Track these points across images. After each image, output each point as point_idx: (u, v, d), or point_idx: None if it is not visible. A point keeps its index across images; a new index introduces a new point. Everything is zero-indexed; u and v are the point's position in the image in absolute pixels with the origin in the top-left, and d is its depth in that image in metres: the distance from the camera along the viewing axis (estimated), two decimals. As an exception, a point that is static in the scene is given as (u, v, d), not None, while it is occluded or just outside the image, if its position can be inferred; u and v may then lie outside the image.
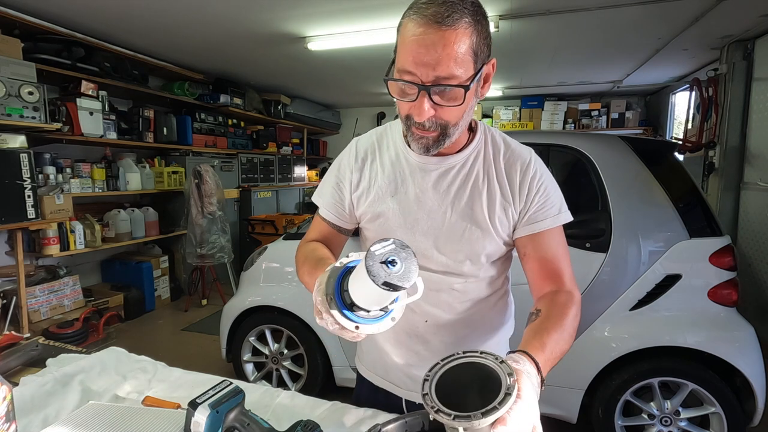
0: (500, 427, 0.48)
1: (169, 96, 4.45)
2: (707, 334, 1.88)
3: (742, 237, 3.61)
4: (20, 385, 0.93)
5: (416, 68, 0.66)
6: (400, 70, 0.69)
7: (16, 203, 2.74)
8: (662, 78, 5.12)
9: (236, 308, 2.57)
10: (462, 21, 0.64)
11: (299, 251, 0.90)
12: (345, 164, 0.91)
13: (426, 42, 0.64)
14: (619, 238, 1.97)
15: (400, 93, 0.72)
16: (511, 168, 0.83)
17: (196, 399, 0.65)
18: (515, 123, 6.24)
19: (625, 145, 2.06)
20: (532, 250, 0.83)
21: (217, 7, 2.96)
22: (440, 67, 0.65)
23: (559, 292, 0.79)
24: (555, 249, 0.82)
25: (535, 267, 0.83)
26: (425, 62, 0.65)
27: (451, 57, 0.64)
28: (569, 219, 0.84)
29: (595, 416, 2.03)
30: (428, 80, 0.66)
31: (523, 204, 0.82)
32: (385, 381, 0.97)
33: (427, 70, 0.65)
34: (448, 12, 0.63)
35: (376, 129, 0.94)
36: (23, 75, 2.83)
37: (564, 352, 0.70)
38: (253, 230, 4.96)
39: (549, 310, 0.75)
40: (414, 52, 0.65)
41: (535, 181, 0.82)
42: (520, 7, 2.98)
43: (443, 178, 0.83)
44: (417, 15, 0.65)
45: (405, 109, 0.73)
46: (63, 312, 3.30)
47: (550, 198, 0.83)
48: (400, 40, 0.69)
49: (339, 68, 4.59)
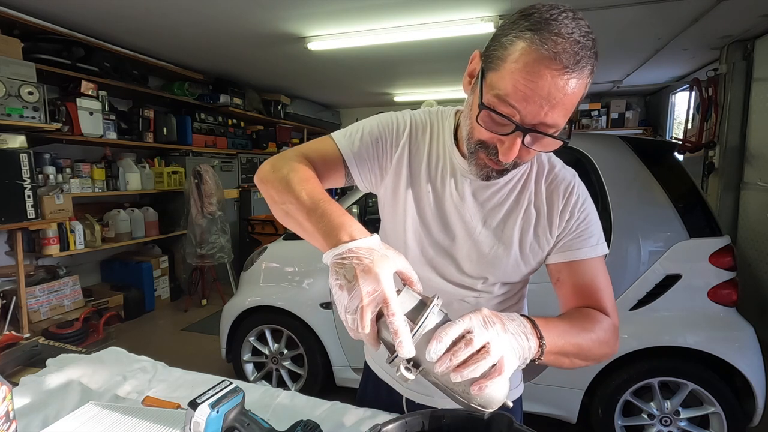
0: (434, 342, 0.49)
1: (169, 96, 4.46)
2: (707, 334, 1.88)
3: (741, 237, 3.61)
4: (20, 385, 0.93)
5: (523, 106, 0.57)
6: (500, 99, 0.59)
7: (16, 203, 2.74)
8: (662, 78, 5.11)
9: (236, 308, 2.57)
10: (586, 69, 0.57)
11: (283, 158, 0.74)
12: (392, 129, 0.80)
13: (546, 83, 0.55)
14: (619, 238, 1.97)
15: (489, 122, 0.62)
16: (553, 193, 0.77)
17: (196, 399, 0.65)
18: (515, 123, 6.23)
19: (625, 145, 2.06)
20: (567, 276, 0.77)
21: (216, 7, 2.96)
22: (551, 114, 0.57)
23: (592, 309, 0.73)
24: (596, 280, 0.75)
25: (569, 293, 0.76)
26: (537, 105, 0.57)
27: (565, 106, 0.58)
28: (606, 251, 0.77)
29: (595, 416, 2.03)
30: (531, 123, 0.58)
31: (560, 230, 0.77)
32: (388, 375, 0.97)
33: (536, 112, 0.57)
34: (579, 56, 0.55)
35: (429, 110, 0.85)
36: (23, 75, 2.83)
37: (586, 349, 0.66)
38: (253, 230, 4.96)
39: (573, 312, 0.71)
40: (527, 89, 0.56)
41: (577, 208, 0.77)
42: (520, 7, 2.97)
43: (482, 191, 0.78)
44: (544, 46, 0.55)
45: (485, 136, 0.65)
46: (63, 312, 3.30)
47: (591, 226, 0.77)
48: (509, 63, 0.58)
49: (339, 68, 4.59)
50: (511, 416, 0.61)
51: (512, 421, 0.60)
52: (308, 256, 2.45)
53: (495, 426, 0.61)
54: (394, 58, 4.17)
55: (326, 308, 2.37)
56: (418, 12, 3.06)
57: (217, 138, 5.04)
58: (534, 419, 2.12)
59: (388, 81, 5.36)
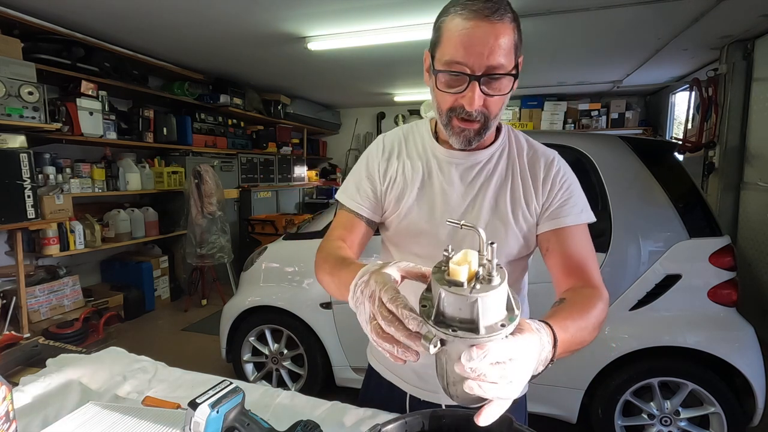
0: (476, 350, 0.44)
1: (169, 96, 4.46)
2: (707, 334, 1.88)
3: (742, 237, 3.61)
4: (20, 385, 0.93)
5: (467, 59, 0.68)
6: (448, 62, 0.70)
7: (16, 203, 2.74)
8: (662, 78, 5.11)
9: (236, 308, 2.57)
10: (506, 16, 0.69)
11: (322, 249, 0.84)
12: (373, 157, 0.92)
13: (477, 34, 0.68)
14: (619, 238, 1.97)
15: (447, 85, 0.73)
16: (534, 164, 0.85)
17: (196, 399, 0.65)
18: (515, 123, 6.24)
19: (625, 145, 2.06)
20: (555, 245, 0.81)
21: (216, 7, 2.96)
22: (492, 57, 0.68)
23: (585, 286, 0.76)
24: (580, 246, 0.80)
25: (559, 262, 0.80)
26: (477, 53, 0.68)
27: (501, 48, 0.68)
28: (592, 219, 0.83)
29: (595, 416, 2.03)
30: (479, 70, 0.69)
31: (545, 198, 0.83)
32: (392, 375, 0.97)
33: (479, 60, 0.68)
34: (495, 8, 0.68)
35: (401, 126, 0.96)
36: (23, 75, 2.83)
37: (584, 343, 0.65)
38: (253, 230, 4.97)
39: (574, 299, 0.71)
40: (465, 43, 0.68)
41: (558, 178, 0.84)
42: (520, 7, 2.98)
43: (469, 172, 0.85)
44: (464, 10, 0.69)
45: (449, 101, 0.74)
46: (63, 312, 3.30)
47: (574, 196, 0.83)
48: (446, 35, 0.71)
49: (339, 68, 4.59)
50: (511, 416, 0.61)
51: (512, 421, 0.60)
52: (308, 256, 2.44)
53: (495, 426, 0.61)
54: (394, 58, 4.17)
55: (326, 308, 2.38)
56: (418, 12, 3.06)
57: (217, 138, 5.04)
58: (534, 419, 2.12)
59: (388, 81, 5.36)
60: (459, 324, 0.45)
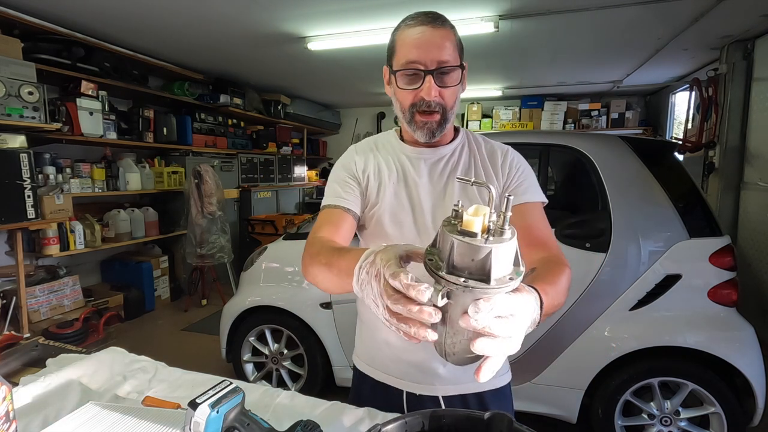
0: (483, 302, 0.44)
1: (169, 96, 4.46)
2: (707, 334, 1.88)
3: (742, 237, 3.61)
4: (20, 385, 0.93)
5: (421, 56, 0.82)
6: (405, 63, 0.83)
7: (16, 203, 2.74)
8: (662, 78, 5.11)
9: (236, 308, 2.57)
10: (447, 23, 0.85)
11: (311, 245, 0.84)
12: (349, 159, 1.00)
13: (427, 36, 0.82)
14: (619, 238, 1.97)
15: (406, 83, 0.85)
16: (493, 154, 0.97)
17: (196, 399, 0.65)
18: (515, 123, 6.24)
19: (625, 145, 2.06)
20: (517, 220, 0.82)
21: (217, 7, 2.96)
22: (442, 53, 0.82)
23: (549, 257, 0.81)
24: (540, 221, 0.89)
25: (522, 235, 0.80)
26: (428, 51, 0.81)
27: (447, 47, 0.83)
28: (546, 200, 0.94)
29: (595, 416, 2.03)
30: (432, 65, 0.82)
31: (505, 179, 0.94)
32: (385, 375, 0.97)
33: (431, 56, 0.81)
34: (437, 17, 0.84)
35: (373, 135, 1.07)
36: (23, 75, 2.83)
37: (559, 306, 0.69)
38: (253, 230, 4.97)
39: (544, 267, 0.75)
40: (417, 45, 0.82)
41: (515, 163, 0.95)
42: (520, 6, 2.98)
43: (436, 165, 0.95)
44: (413, 21, 0.84)
45: (410, 98, 0.86)
46: (63, 312, 3.30)
47: (529, 177, 0.94)
48: (399, 43, 0.86)
49: (339, 68, 4.59)
50: (511, 417, 0.61)
51: (512, 421, 0.60)
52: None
53: (495, 426, 0.61)
54: (394, 58, 4.17)
55: (326, 308, 2.38)
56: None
57: (217, 138, 5.04)
58: (534, 419, 2.12)
59: (388, 81, 5.36)
60: (469, 275, 0.45)
